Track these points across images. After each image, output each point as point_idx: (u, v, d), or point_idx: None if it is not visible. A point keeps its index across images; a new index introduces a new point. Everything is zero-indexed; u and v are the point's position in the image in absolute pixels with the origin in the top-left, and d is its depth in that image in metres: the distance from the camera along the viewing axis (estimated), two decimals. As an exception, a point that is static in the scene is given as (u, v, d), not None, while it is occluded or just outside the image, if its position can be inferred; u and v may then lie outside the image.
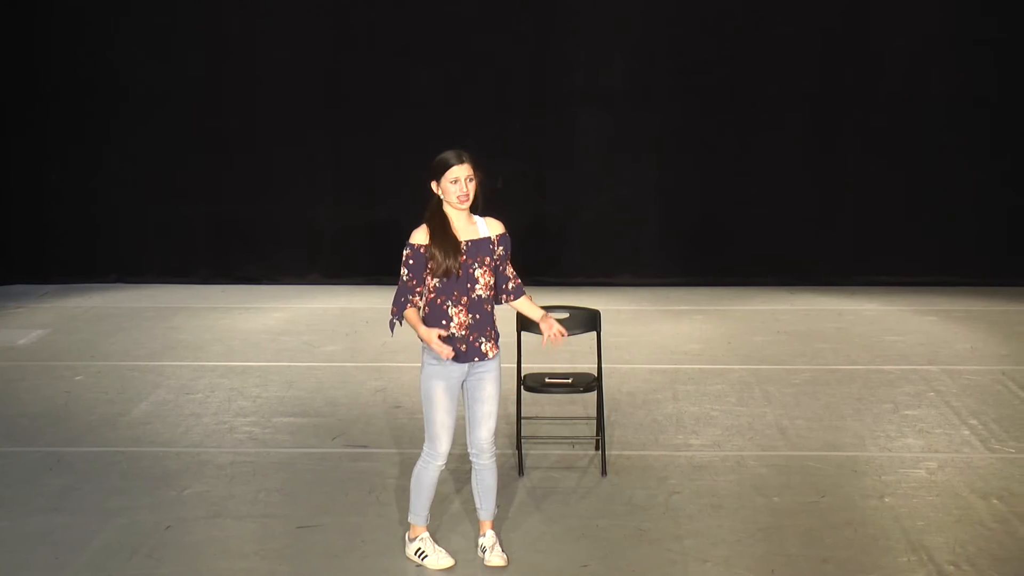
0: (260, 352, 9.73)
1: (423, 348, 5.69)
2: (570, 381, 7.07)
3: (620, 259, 12.28)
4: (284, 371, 9.16)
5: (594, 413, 7.23)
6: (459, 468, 6.72)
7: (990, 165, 12.03)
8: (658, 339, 10.13)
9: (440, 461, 5.80)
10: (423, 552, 5.85)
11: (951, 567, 5.76)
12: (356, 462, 7.19)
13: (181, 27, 12.19)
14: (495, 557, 5.83)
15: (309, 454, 7.34)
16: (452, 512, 6.45)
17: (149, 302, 11.63)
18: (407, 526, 5.97)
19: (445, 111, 12.06)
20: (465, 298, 5.65)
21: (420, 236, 5.62)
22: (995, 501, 6.54)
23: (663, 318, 10.93)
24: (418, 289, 5.62)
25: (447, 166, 5.63)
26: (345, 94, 12.21)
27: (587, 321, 7.09)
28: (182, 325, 10.66)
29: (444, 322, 5.62)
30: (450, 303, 5.63)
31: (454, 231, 5.63)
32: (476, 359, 5.71)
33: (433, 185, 5.67)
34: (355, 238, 12.35)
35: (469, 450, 5.89)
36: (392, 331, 5.79)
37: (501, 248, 5.77)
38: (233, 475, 6.98)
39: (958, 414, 8.04)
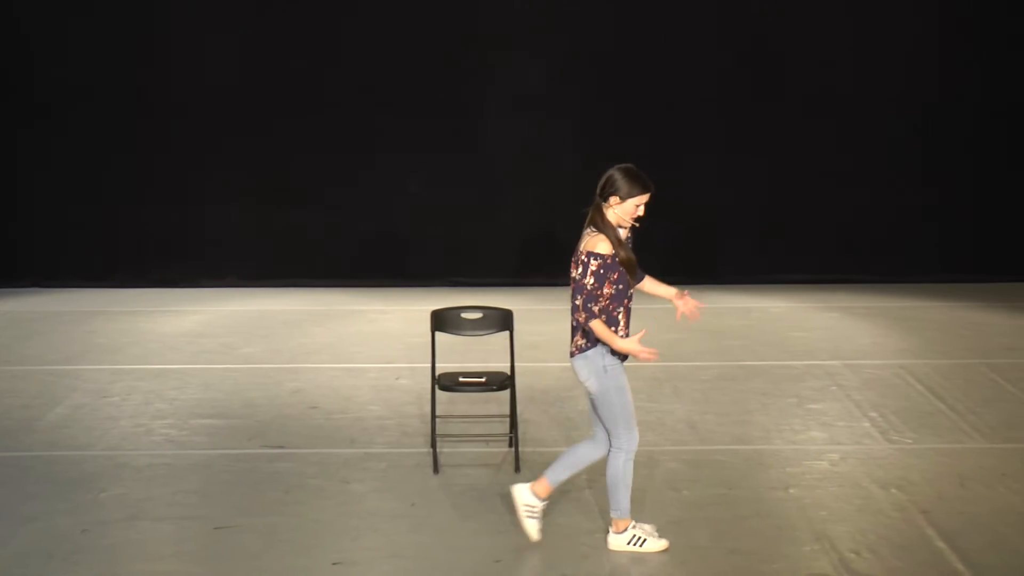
0: (178, 355, 9.74)
1: (600, 352, 5.81)
2: (484, 380, 7.17)
3: (533, 259, 12.41)
4: (201, 373, 9.17)
5: (508, 411, 7.32)
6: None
7: (893, 165, 12.32)
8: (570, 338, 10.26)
9: (634, 452, 5.98)
10: (640, 539, 6.01)
11: (852, 555, 5.93)
12: (273, 463, 7.24)
13: (100, 28, 12.11)
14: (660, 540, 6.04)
15: (226, 455, 7.38)
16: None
17: (66, 306, 11.56)
18: (322, 524, 6.04)
19: (361, 113, 12.12)
20: (628, 302, 5.90)
21: (606, 247, 5.77)
22: (894, 490, 6.75)
23: (576, 317, 11.07)
24: (598, 293, 5.75)
25: (644, 190, 5.83)
26: (262, 97, 12.20)
27: (500, 320, 7.20)
28: (99, 329, 10.62)
29: (614, 328, 5.82)
30: (620, 309, 5.86)
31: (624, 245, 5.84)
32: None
33: (613, 199, 5.79)
34: (272, 241, 12.35)
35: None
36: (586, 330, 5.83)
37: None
38: (151, 477, 7.00)
39: (859, 407, 8.28)
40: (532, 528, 6.07)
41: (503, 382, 7.18)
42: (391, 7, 12.12)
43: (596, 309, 5.74)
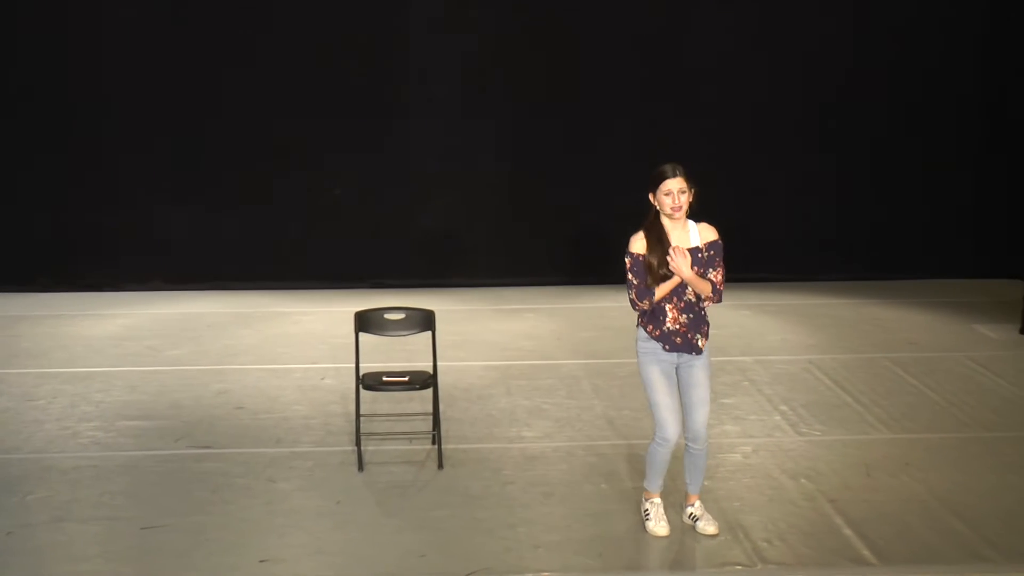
0: (103, 358, 9.71)
1: (637, 339, 6.08)
2: (407, 379, 7.28)
3: (453, 261, 12.51)
4: (127, 375, 9.18)
5: (431, 409, 7.44)
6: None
7: (799, 167, 12.54)
8: (491, 337, 10.40)
9: (671, 444, 6.12)
10: (648, 513, 6.27)
11: (764, 543, 6.12)
12: (200, 463, 7.30)
13: (23, 29, 11.98)
14: (709, 525, 6.23)
15: (153, 456, 7.42)
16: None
17: (-11, 311, 11.47)
18: (249, 522, 6.14)
19: (282, 116, 12.13)
20: (678, 300, 6.03)
21: (638, 245, 6.02)
22: (803, 481, 6.96)
23: (496, 317, 11.21)
24: (650, 284, 5.94)
25: (662, 178, 6.00)
26: (189, 100, 12.15)
27: (422, 321, 7.32)
28: (24, 333, 10.54)
29: (660, 318, 6.01)
30: (666, 303, 6.01)
31: (668, 240, 5.97)
32: (692, 353, 6.07)
33: (650, 197, 6.04)
34: (197, 243, 12.31)
35: (685, 435, 6.19)
36: (636, 309, 6.05)
37: (711, 252, 6.07)
38: (77, 479, 7.01)
39: (770, 401, 8.50)
40: (657, 527, 6.22)
41: (426, 381, 7.30)
42: (311, 10, 12.15)
43: (631, 296, 5.99)
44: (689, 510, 6.34)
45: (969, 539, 6.18)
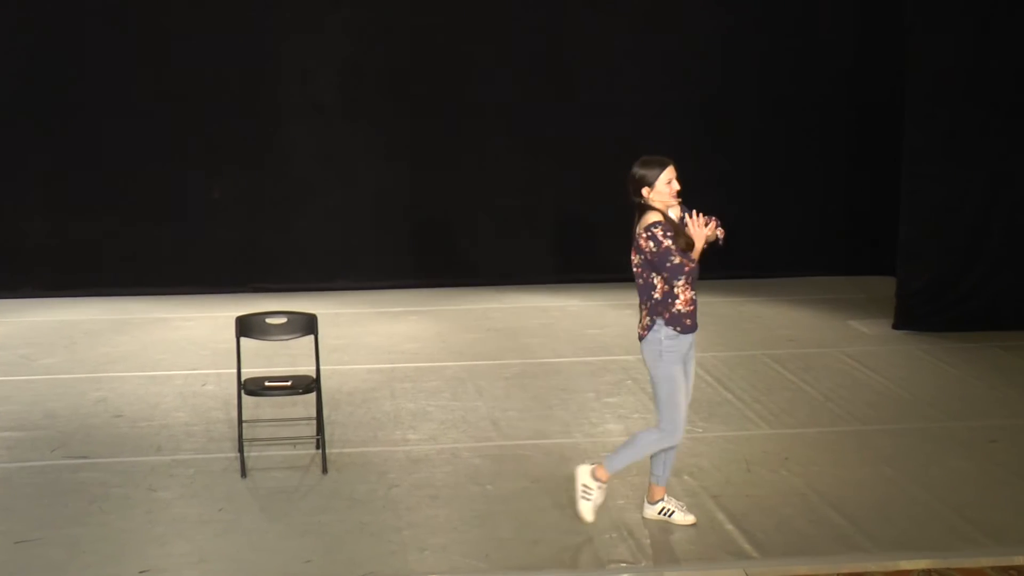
0: (-27, 368, 9.49)
1: (660, 338, 6.03)
2: (289, 384, 7.23)
3: (336, 264, 12.43)
4: (-2, 386, 8.99)
5: (314, 414, 7.40)
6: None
7: (678, 165, 12.67)
8: (375, 340, 10.37)
9: (677, 444, 6.26)
10: (670, 510, 6.37)
11: (648, 541, 6.19)
12: (77, 473, 7.15)
13: None
14: (688, 515, 6.39)
15: (27, 468, 7.25)
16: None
17: None
18: (128, 532, 6.04)
19: (159, 120, 11.95)
20: (689, 276, 6.01)
21: (658, 215, 6.02)
22: (686, 477, 7.06)
23: (380, 320, 11.18)
24: (668, 250, 5.94)
25: (663, 166, 6.10)
26: (58, 104, 11.90)
27: (304, 325, 7.27)
28: None
29: (670, 301, 6.02)
30: (678, 284, 6.00)
31: (681, 224, 6.07)
32: (695, 331, 6.14)
33: (645, 191, 6.07)
34: (72, 250, 12.06)
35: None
36: (686, 271, 5.95)
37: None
38: (-52, 493, 6.84)
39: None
40: (586, 510, 6.28)
41: (309, 385, 7.26)
42: (189, 14, 11.97)
43: (677, 260, 5.93)
44: (661, 504, 6.44)
45: (846, 530, 6.32)
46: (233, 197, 12.25)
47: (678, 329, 6.05)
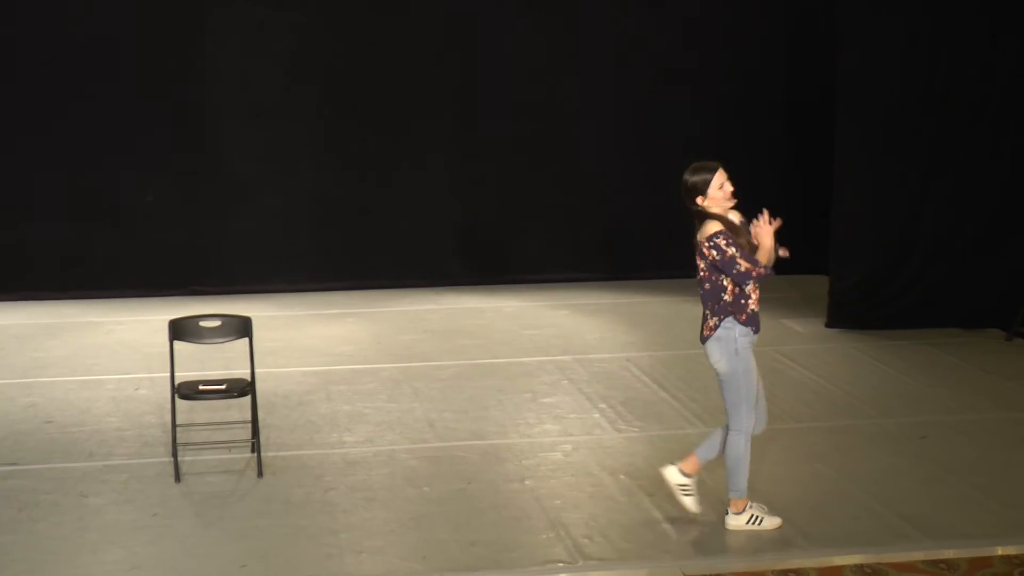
0: (-100, 374, 9.32)
1: (734, 336, 6.12)
2: (224, 387, 7.18)
3: (272, 266, 12.35)
4: (-76, 392, 8.83)
5: (249, 417, 7.36)
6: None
7: (612, 169, 12.75)
8: (311, 342, 10.32)
9: (761, 431, 6.34)
10: (758, 518, 6.33)
11: (585, 540, 6.21)
12: (6, 480, 7.04)
13: None
14: (697, 505, 6.44)
15: (-44, 475, 7.16)
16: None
17: None
18: (59, 540, 5.95)
19: (92, 121, 11.81)
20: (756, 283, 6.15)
21: (717, 224, 6.05)
22: (622, 477, 7.10)
23: (315, 322, 11.13)
24: (734, 256, 6.01)
25: (713, 171, 6.15)
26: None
27: (239, 328, 7.21)
28: None
29: (743, 302, 6.14)
30: (748, 284, 6.12)
31: (741, 226, 6.15)
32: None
33: (699, 200, 6.11)
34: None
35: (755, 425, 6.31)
36: (754, 276, 6.09)
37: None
38: None
39: (589, 399, 8.63)
40: (691, 504, 6.38)
41: (244, 388, 7.21)
42: (124, 15, 11.84)
43: (744, 267, 6.03)
44: (689, 480, 6.44)
45: (781, 527, 6.37)
46: (169, 199, 12.14)
47: (754, 329, 6.21)
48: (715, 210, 6.14)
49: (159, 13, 11.89)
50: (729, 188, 6.17)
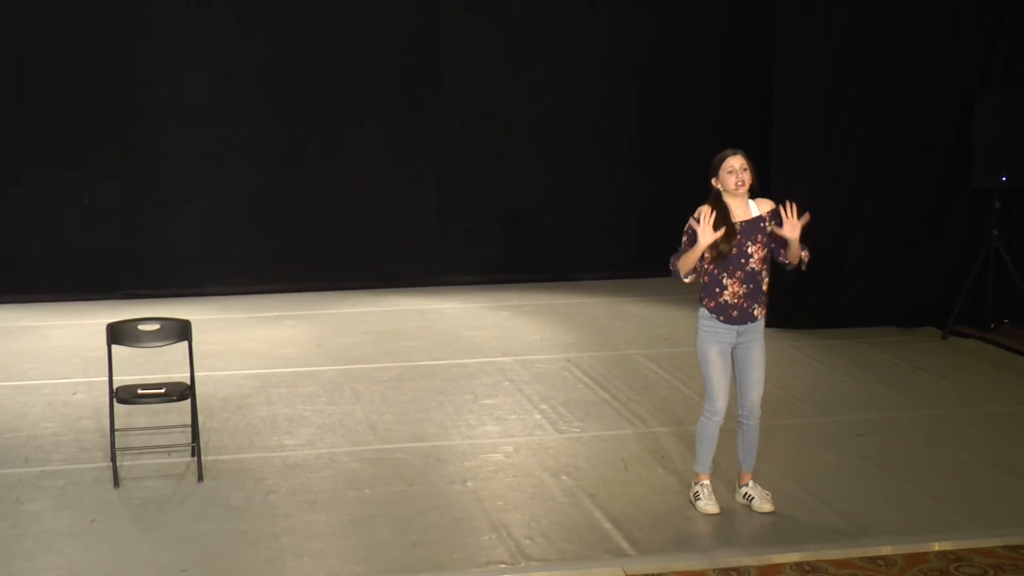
0: None
1: (700, 316, 6.40)
2: (163, 391, 7.13)
3: (210, 269, 12.27)
4: None
5: (189, 421, 7.31)
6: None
7: (552, 171, 12.79)
8: (251, 345, 10.26)
9: (719, 417, 6.49)
10: (698, 495, 6.57)
11: (527, 540, 6.22)
12: (-59, 487, 6.98)
13: None
14: (765, 503, 6.55)
15: None
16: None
17: None
18: (40, 543, 5.88)
19: (22, 123, 11.67)
20: (740, 272, 6.36)
21: (705, 208, 6.28)
22: (564, 477, 7.12)
23: (255, 325, 11.07)
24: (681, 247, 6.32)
25: (723, 158, 6.36)
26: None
27: (177, 331, 7.15)
28: None
29: (718, 290, 6.36)
30: (725, 275, 6.36)
31: (732, 217, 6.31)
32: (748, 322, 6.40)
33: (713, 181, 6.39)
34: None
35: (739, 412, 6.56)
36: (681, 278, 6.43)
37: (773, 221, 6.38)
38: None
39: (530, 400, 8.65)
40: (707, 506, 6.54)
41: (183, 392, 7.16)
42: (59, 14, 11.70)
43: (672, 260, 6.40)
44: (744, 490, 6.64)
45: (719, 525, 6.42)
46: (104, 201, 12.01)
47: (721, 319, 6.38)
48: (727, 188, 6.35)
49: (91, 14, 11.75)
50: (739, 175, 6.33)
